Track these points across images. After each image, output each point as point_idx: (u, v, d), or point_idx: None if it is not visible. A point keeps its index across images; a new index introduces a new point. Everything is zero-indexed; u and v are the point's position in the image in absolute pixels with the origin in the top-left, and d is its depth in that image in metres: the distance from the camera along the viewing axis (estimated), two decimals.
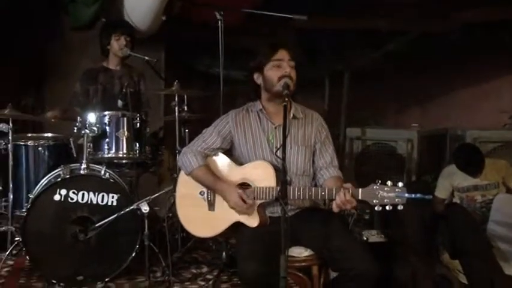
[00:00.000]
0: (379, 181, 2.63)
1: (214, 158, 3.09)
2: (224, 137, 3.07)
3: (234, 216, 2.94)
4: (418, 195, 2.57)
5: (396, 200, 2.60)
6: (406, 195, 2.58)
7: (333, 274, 3.03)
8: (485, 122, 6.00)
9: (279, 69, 2.93)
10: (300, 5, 4.86)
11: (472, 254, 3.56)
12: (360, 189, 2.66)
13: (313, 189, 2.83)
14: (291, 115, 3.01)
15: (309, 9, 4.37)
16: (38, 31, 5.51)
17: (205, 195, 3.05)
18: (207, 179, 3.00)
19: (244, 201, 2.87)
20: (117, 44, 4.35)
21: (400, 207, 2.60)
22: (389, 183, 2.62)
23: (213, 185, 3.00)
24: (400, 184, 2.61)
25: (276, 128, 3.02)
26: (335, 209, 2.72)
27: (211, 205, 3.04)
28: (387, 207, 2.61)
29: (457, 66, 6.40)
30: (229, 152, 3.13)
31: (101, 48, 4.47)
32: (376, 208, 2.63)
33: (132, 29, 4.56)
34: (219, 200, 3.01)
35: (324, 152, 3.07)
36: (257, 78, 3.01)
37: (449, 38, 6.14)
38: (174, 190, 3.28)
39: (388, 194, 2.60)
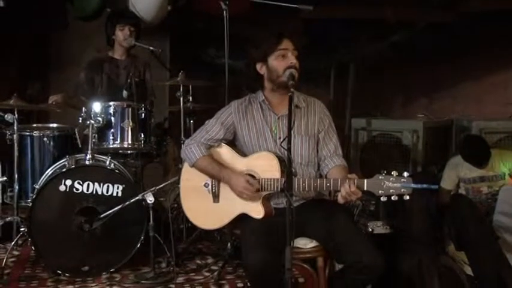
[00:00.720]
0: (385, 171, 2.62)
1: (217, 149, 3.08)
2: (227, 128, 3.06)
3: (239, 208, 2.93)
4: (425, 185, 2.56)
5: (402, 190, 2.58)
6: (412, 185, 2.56)
7: (338, 266, 3.03)
8: (492, 113, 5.96)
9: (284, 60, 2.90)
10: None
11: (477, 246, 3.55)
12: (366, 180, 2.65)
13: (318, 180, 2.82)
14: (293, 105, 2.99)
15: None
16: (43, 20, 5.50)
17: (210, 187, 3.04)
18: (212, 167, 2.99)
19: (250, 184, 2.85)
20: (122, 34, 4.34)
21: (406, 198, 2.59)
22: (394, 173, 2.60)
23: (218, 173, 2.98)
24: (406, 174, 2.60)
25: (278, 118, 3.00)
26: (340, 200, 2.71)
27: (215, 197, 3.04)
28: (393, 198, 2.60)
29: (464, 57, 6.35)
30: (232, 143, 3.13)
31: (107, 38, 4.46)
32: (381, 199, 2.61)
33: (137, 19, 4.54)
34: (223, 191, 3.01)
35: (328, 140, 3.05)
36: (260, 68, 2.98)
37: (457, 28, 6.10)
38: (179, 181, 3.28)
39: (394, 184, 2.59)
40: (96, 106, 3.86)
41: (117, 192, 3.67)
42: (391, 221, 3.88)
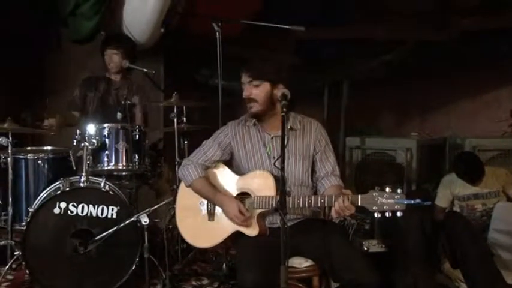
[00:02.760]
0: (379, 188, 2.64)
1: (214, 169, 3.12)
2: (224, 149, 3.10)
3: (234, 226, 2.95)
4: (418, 200, 2.57)
5: (396, 206, 2.60)
6: (405, 201, 2.59)
7: (334, 284, 3.03)
8: (485, 131, 6.00)
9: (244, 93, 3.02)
10: (299, 15, 4.88)
11: (473, 263, 3.55)
12: (359, 196, 2.68)
13: (312, 197, 2.85)
14: (288, 127, 3.03)
15: (308, 20, 4.39)
16: (36, 44, 5.52)
17: (206, 205, 3.07)
18: (207, 190, 3.03)
19: (242, 213, 2.88)
20: (114, 57, 4.38)
21: (399, 214, 2.60)
22: (388, 189, 2.62)
23: (212, 197, 3.02)
24: (399, 191, 2.62)
25: (272, 138, 3.04)
26: (333, 214, 2.73)
27: (211, 215, 3.06)
28: (386, 214, 2.62)
29: (456, 75, 6.41)
30: (228, 162, 3.15)
31: (103, 60, 4.50)
32: (375, 215, 2.63)
33: (130, 42, 4.57)
34: (218, 210, 3.04)
35: (325, 161, 3.08)
36: None
37: (448, 46, 6.16)
38: (174, 202, 3.29)
39: (388, 200, 2.61)
40: (90, 128, 3.86)
41: (112, 214, 3.65)
42: (386, 239, 3.88)
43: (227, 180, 3.07)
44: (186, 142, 4.34)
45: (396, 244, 3.79)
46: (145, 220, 3.51)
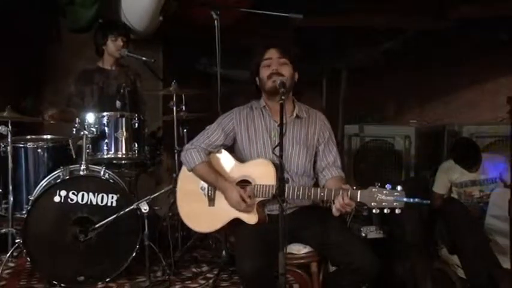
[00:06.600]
0: (378, 184, 2.66)
1: (216, 154, 3.13)
2: (227, 134, 3.11)
3: (233, 213, 2.97)
4: (417, 199, 2.61)
5: (394, 204, 2.63)
6: (405, 199, 2.61)
7: (332, 269, 3.06)
8: (484, 119, 6.00)
9: (268, 68, 3.01)
10: (298, 3, 4.87)
11: (470, 249, 3.59)
12: (359, 192, 2.69)
13: (312, 189, 2.86)
14: (294, 114, 3.07)
15: (306, 8, 4.39)
16: (36, 33, 5.51)
17: (206, 190, 3.09)
18: (209, 175, 3.04)
19: (244, 200, 2.90)
20: (114, 45, 4.35)
21: (397, 211, 2.63)
22: (388, 186, 2.64)
23: (214, 182, 3.03)
24: (399, 188, 2.64)
25: (278, 126, 3.04)
26: (335, 213, 2.75)
27: (211, 200, 3.08)
28: (385, 211, 2.65)
29: (454, 63, 6.40)
30: (230, 149, 3.17)
31: (96, 48, 4.47)
32: (374, 211, 2.67)
33: (129, 30, 4.56)
34: (219, 195, 3.05)
35: (328, 152, 3.10)
36: (257, 80, 3.10)
37: (447, 34, 6.15)
38: (174, 187, 3.31)
39: (387, 197, 2.63)
40: (90, 117, 3.87)
41: (112, 202, 3.68)
42: (384, 225, 3.91)
43: (228, 166, 3.09)
44: (185, 130, 4.35)
45: (394, 230, 3.82)
46: (145, 208, 3.55)
